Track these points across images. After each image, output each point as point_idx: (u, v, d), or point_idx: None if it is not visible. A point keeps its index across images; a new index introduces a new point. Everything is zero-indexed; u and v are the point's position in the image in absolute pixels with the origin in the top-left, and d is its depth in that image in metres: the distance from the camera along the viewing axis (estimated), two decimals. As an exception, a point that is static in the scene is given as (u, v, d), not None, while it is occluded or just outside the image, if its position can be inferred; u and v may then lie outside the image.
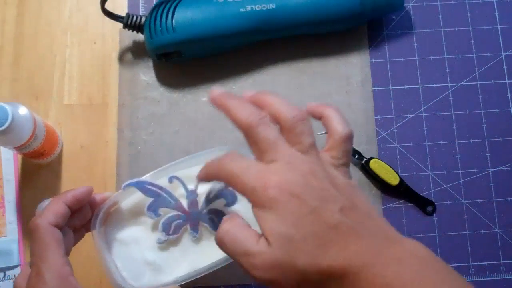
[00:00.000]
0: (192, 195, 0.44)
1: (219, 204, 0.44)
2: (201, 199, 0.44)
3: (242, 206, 0.44)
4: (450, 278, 0.32)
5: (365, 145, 0.56)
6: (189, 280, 0.42)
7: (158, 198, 0.44)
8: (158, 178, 0.45)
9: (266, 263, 0.33)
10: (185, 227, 0.44)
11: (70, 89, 0.58)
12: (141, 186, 0.44)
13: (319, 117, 0.40)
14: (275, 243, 0.33)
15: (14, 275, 0.53)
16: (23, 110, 0.49)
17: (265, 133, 0.35)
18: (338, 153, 0.38)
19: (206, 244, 0.45)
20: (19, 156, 0.56)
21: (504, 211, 0.55)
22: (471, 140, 0.57)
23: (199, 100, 0.58)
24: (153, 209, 0.44)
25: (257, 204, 0.34)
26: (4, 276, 0.53)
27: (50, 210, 0.39)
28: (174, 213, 0.44)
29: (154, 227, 0.44)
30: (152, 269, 0.43)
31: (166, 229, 0.44)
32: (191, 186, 0.44)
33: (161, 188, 0.44)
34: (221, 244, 0.35)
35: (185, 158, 0.45)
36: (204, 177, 0.38)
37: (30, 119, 0.49)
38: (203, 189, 0.44)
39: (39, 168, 0.56)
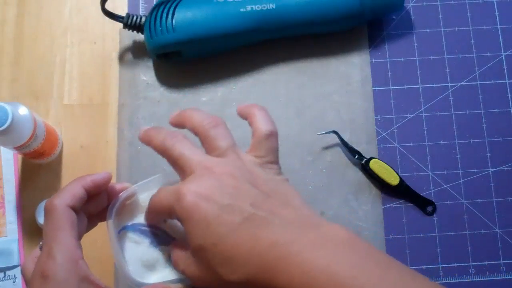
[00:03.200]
0: None
1: None
2: None
3: None
4: (368, 257, 0.31)
5: (365, 145, 0.56)
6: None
7: (155, 238, 0.44)
8: (148, 189, 0.45)
9: (193, 275, 0.36)
10: None
11: (70, 89, 0.58)
12: (136, 229, 0.43)
13: (245, 117, 0.41)
14: (193, 253, 0.35)
15: (14, 275, 0.53)
16: (23, 110, 0.49)
17: (179, 150, 0.37)
18: (261, 151, 0.38)
19: None
20: (19, 156, 0.56)
21: (504, 211, 0.55)
22: (471, 140, 0.57)
23: (199, 100, 0.58)
24: (153, 247, 0.44)
25: (179, 219, 0.35)
26: (4, 276, 0.53)
27: (68, 191, 0.39)
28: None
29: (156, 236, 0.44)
30: (151, 271, 0.43)
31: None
32: None
33: (157, 228, 0.44)
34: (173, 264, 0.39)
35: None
36: (149, 221, 0.41)
37: (30, 119, 0.49)
38: None
39: (39, 168, 0.56)
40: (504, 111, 0.58)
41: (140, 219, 0.44)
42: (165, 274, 0.43)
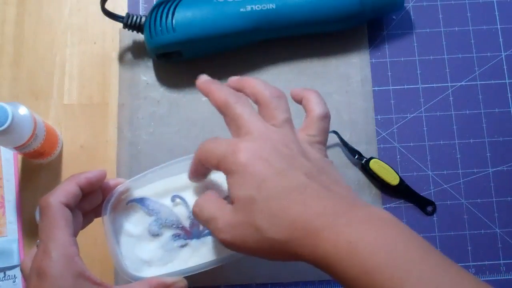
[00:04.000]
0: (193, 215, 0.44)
1: None
2: None
3: None
4: (414, 239, 0.32)
5: (365, 145, 0.56)
6: (189, 274, 0.42)
7: (159, 215, 0.44)
8: (147, 182, 0.45)
9: (227, 224, 0.35)
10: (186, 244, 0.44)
11: (70, 89, 0.58)
12: (144, 204, 0.44)
13: (300, 100, 0.42)
14: (237, 205, 0.35)
15: (14, 275, 0.53)
16: (23, 110, 0.49)
17: (241, 110, 0.38)
18: (314, 131, 0.39)
19: (200, 245, 0.45)
20: (19, 156, 0.56)
21: (504, 211, 0.55)
22: (471, 140, 0.57)
23: (199, 100, 0.58)
24: (154, 227, 0.44)
25: (227, 171, 0.35)
26: (4, 276, 0.53)
27: (63, 189, 0.39)
28: (175, 232, 0.44)
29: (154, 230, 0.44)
30: (147, 266, 0.43)
31: (168, 249, 0.44)
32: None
33: (162, 206, 0.44)
34: (195, 215, 0.38)
35: (173, 162, 0.45)
36: (193, 172, 0.41)
37: (30, 119, 0.49)
38: None
39: (39, 168, 0.56)
40: (504, 111, 0.58)
41: (136, 213, 0.45)
42: (162, 268, 0.43)
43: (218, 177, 0.43)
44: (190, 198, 0.44)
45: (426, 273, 0.29)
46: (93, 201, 0.43)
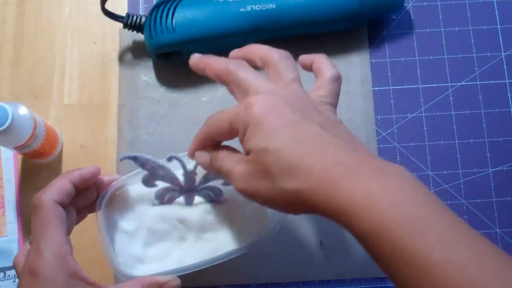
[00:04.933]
0: (189, 174, 0.44)
1: (216, 183, 0.45)
2: (198, 178, 0.45)
3: None
4: (432, 197, 0.30)
5: (365, 145, 0.56)
6: (183, 273, 0.42)
7: (153, 171, 0.44)
8: (138, 180, 0.45)
9: (242, 174, 0.35)
10: (179, 199, 0.45)
11: (70, 89, 0.58)
12: (136, 160, 0.43)
13: (309, 64, 0.42)
14: (251, 155, 0.34)
15: (14, 275, 0.53)
16: (23, 110, 0.49)
17: (245, 73, 0.37)
18: (325, 91, 0.39)
19: (195, 243, 0.45)
20: (19, 156, 0.56)
21: (504, 211, 0.55)
22: (471, 140, 0.57)
23: (199, 100, 0.58)
24: (149, 181, 0.44)
25: (240, 127, 0.35)
26: (4, 276, 0.53)
27: (56, 187, 0.39)
28: (169, 185, 0.44)
29: (149, 227, 0.44)
30: (140, 263, 0.43)
31: (160, 198, 0.44)
32: (190, 167, 0.44)
33: (156, 161, 0.44)
34: (211, 167, 0.39)
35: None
36: (198, 147, 0.40)
37: (30, 119, 0.49)
38: (202, 171, 0.44)
39: (39, 168, 0.56)
40: (504, 111, 0.58)
41: (130, 210, 0.45)
42: (155, 266, 0.43)
43: None
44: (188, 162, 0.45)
45: (445, 230, 0.28)
46: (87, 198, 0.43)
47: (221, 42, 0.56)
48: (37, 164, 0.56)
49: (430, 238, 0.27)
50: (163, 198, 0.45)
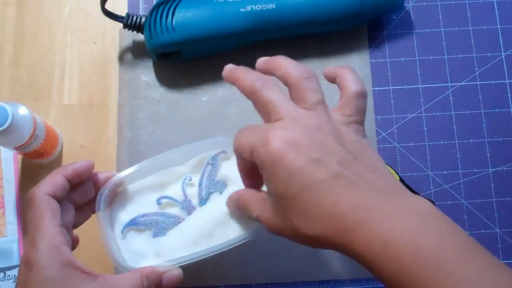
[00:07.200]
0: (185, 202, 0.45)
1: (218, 187, 0.46)
2: (198, 194, 0.45)
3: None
4: (456, 234, 0.30)
5: (365, 145, 0.56)
6: (187, 263, 0.42)
7: (156, 224, 0.44)
8: (138, 177, 0.45)
9: (269, 218, 0.35)
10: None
11: (70, 89, 0.58)
12: (136, 223, 0.44)
13: (333, 79, 0.40)
14: (272, 201, 0.35)
15: (14, 275, 0.53)
16: (23, 110, 0.49)
17: (269, 95, 0.36)
18: (349, 110, 0.37)
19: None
20: (19, 156, 0.56)
21: (504, 211, 0.55)
22: (471, 140, 0.57)
23: (199, 100, 0.58)
24: (159, 233, 0.44)
25: (259, 163, 0.34)
26: (4, 276, 0.53)
27: (48, 181, 0.40)
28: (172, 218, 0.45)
29: (152, 222, 0.45)
30: (144, 258, 0.43)
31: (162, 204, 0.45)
32: (189, 178, 0.45)
33: (155, 214, 0.44)
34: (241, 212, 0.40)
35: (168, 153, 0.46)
36: (240, 171, 0.40)
37: (30, 119, 0.49)
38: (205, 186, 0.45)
39: (39, 168, 0.56)
40: (504, 111, 0.58)
41: (131, 209, 0.45)
42: (159, 260, 0.43)
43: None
44: (178, 192, 0.45)
45: (469, 274, 0.27)
46: (84, 194, 0.43)
47: (221, 42, 0.56)
48: (37, 164, 0.56)
49: (452, 284, 0.27)
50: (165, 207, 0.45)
